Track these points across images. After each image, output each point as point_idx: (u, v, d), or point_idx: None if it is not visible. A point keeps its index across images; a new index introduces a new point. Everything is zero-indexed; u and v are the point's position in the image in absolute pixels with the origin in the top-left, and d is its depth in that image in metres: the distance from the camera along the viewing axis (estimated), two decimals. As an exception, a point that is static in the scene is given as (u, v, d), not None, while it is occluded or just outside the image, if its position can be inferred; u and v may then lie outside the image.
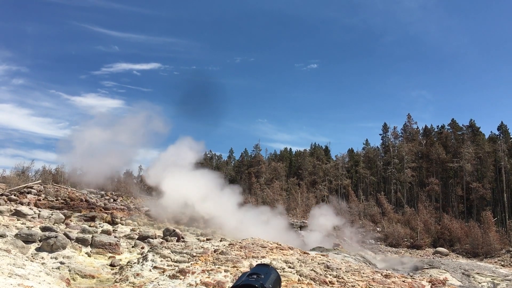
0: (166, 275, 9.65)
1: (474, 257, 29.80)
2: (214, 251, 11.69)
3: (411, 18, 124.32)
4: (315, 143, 69.42)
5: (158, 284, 9.03)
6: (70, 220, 18.51)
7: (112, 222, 19.66)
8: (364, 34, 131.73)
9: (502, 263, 25.90)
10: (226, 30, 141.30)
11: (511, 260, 27.01)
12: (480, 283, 17.81)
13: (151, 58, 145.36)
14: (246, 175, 59.28)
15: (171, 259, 11.34)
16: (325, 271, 10.02)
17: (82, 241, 13.24)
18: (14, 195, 21.94)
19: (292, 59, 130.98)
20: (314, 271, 9.88)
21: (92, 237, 13.69)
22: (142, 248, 14.72)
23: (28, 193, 23.43)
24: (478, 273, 19.00)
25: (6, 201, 19.95)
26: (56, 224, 16.75)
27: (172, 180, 25.00)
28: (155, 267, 10.76)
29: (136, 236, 16.40)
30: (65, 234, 13.31)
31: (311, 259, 11.28)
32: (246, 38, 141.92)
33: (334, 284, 9.15)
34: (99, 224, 18.63)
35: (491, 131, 53.72)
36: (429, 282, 10.12)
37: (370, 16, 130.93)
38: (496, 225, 35.44)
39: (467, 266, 20.38)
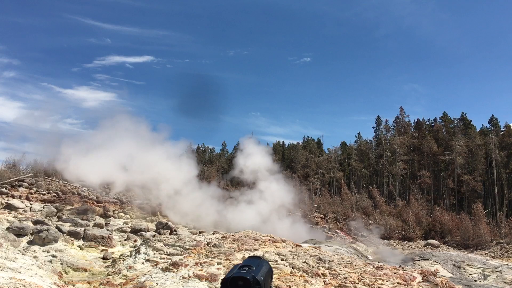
0: (159, 268, 9.65)
1: (465, 249, 30.15)
2: (207, 244, 11.71)
3: (403, 11, 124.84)
4: (307, 136, 69.65)
5: (151, 277, 9.03)
6: (62, 214, 18.39)
7: (105, 215, 19.57)
8: (357, 28, 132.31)
9: (493, 255, 26.22)
10: (220, 23, 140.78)
11: (501, 251, 27.35)
12: (470, 274, 18.04)
13: (144, 51, 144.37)
14: (239, 168, 59.32)
15: (164, 252, 11.33)
16: (317, 263, 10.08)
17: (74, 235, 13.17)
18: (5, 189, 21.74)
19: (286, 53, 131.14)
20: (307, 263, 9.93)
21: (84, 230, 13.62)
22: (135, 241, 14.69)
23: (19, 186, 23.20)
24: (468, 265, 19.24)
25: (-3, 195, 19.77)
26: (48, 218, 16.65)
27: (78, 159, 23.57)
28: (148, 260, 10.75)
29: (129, 229, 16.35)
30: (57, 227, 13.23)
31: (304, 252, 11.34)
32: (240, 31, 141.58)
33: (326, 276, 9.20)
34: (91, 217, 18.53)
35: (482, 124, 54.33)
36: (421, 273, 10.20)
37: (363, 9, 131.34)
38: (487, 217, 35.83)
39: (458, 258, 20.62)
